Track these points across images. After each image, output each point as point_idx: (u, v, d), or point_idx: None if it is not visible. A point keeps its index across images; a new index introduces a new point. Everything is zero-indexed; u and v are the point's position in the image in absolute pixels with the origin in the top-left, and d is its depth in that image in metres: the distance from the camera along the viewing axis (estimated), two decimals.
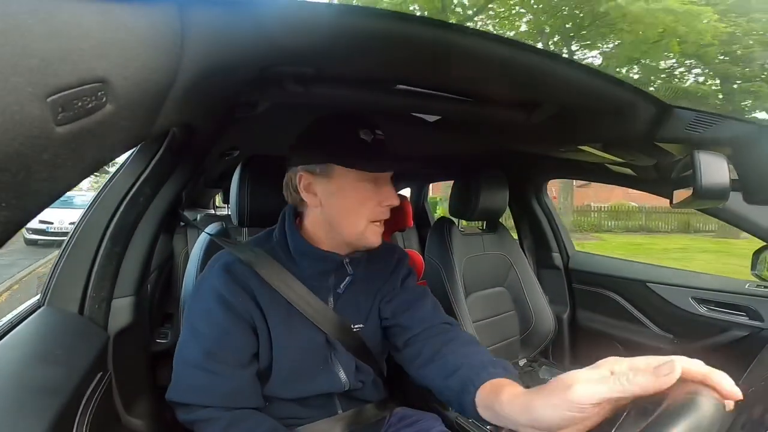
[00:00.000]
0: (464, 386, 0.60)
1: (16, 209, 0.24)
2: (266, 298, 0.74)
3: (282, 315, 0.74)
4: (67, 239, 0.83)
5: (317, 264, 0.77)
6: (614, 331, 1.64)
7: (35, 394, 0.53)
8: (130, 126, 0.32)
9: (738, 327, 1.31)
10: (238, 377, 0.73)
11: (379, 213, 0.74)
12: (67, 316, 0.76)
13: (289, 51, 0.44)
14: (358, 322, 0.81)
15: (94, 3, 0.25)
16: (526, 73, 0.57)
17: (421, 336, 0.77)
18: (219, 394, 0.71)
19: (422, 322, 0.79)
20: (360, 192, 0.73)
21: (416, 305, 0.82)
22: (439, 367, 0.69)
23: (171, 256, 1.79)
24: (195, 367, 0.71)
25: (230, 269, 0.74)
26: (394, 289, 0.84)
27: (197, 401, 0.71)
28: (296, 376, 0.76)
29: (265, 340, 0.75)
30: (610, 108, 0.70)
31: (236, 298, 0.72)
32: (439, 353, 0.70)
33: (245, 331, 0.74)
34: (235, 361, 0.73)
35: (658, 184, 1.22)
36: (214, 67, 0.38)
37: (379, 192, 0.74)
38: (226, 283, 0.73)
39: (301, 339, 0.76)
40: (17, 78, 0.21)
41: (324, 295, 0.78)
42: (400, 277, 0.86)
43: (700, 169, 0.72)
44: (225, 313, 0.72)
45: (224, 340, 0.72)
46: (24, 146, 0.22)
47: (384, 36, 0.44)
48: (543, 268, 1.88)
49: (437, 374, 0.69)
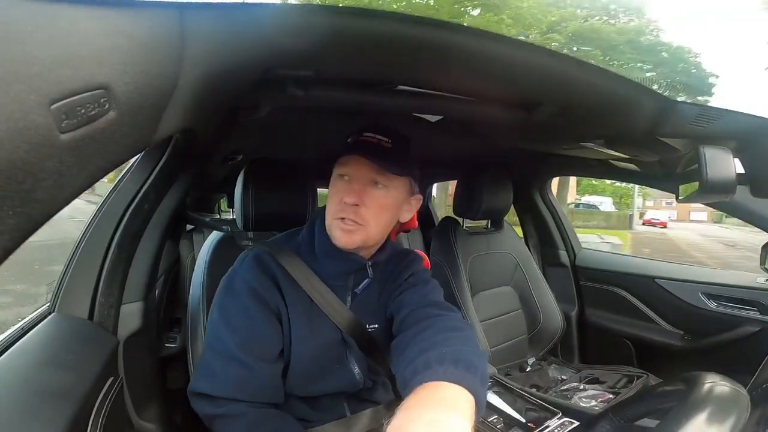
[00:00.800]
0: (405, 383, 0.57)
1: (23, 217, 0.24)
2: (290, 291, 0.76)
3: (303, 310, 0.76)
4: (75, 246, 0.84)
5: (340, 265, 0.79)
6: (623, 328, 1.62)
7: (48, 400, 0.54)
8: (133, 132, 0.32)
9: (749, 322, 1.29)
10: (268, 371, 0.74)
11: (339, 209, 0.74)
12: (77, 323, 0.76)
13: (290, 54, 0.44)
14: (373, 323, 0.83)
15: (94, 9, 0.25)
16: (527, 72, 0.56)
17: (404, 323, 0.74)
18: (249, 387, 0.72)
19: (408, 305, 0.76)
20: (332, 188, 0.76)
21: (407, 292, 0.80)
22: (405, 359, 0.62)
23: (177, 261, 1.80)
24: (227, 357, 0.72)
25: (260, 261, 0.78)
26: (399, 287, 0.84)
27: (226, 393, 0.71)
28: (313, 371, 0.78)
29: (286, 333, 0.76)
30: (612, 104, 0.69)
31: (266, 291, 0.75)
32: (412, 342, 0.65)
33: (275, 325, 0.76)
34: (267, 355, 0.74)
35: (664, 180, 1.21)
36: (215, 71, 0.39)
37: (344, 189, 0.74)
38: (258, 276, 0.76)
39: (319, 335, 0.77)
40: (20, 85, 0.21)
41: (342, 294, 0.80)
42: (405, 276, 0.86)
43: (706, 163, 0.71)
44: (258, 307, 0.74)
45: (257, 334, 0.74)
46: (29, 154, 0.23)
47: (384, 37, 0.44)
48: (549, 266, 1.87)
49: (399, 366, 0.64)
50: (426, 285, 0.83)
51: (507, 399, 1.12)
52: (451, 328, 0.68)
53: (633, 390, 1.32)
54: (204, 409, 0.73)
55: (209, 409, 0.72)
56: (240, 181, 0.96)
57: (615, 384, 1.39)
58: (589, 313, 1.75)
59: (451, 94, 0.71)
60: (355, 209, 0.73)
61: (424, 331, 0.67)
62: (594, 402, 1.27)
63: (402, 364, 0.62)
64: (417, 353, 0.60)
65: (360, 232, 0.74)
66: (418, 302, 0.76)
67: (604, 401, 1.27)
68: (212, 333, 0.77)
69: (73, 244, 0.86)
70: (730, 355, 1.32)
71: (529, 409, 1.07)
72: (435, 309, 0.74)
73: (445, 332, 0.66)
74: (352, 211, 0.73)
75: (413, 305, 0.76)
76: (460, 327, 0.69)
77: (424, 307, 0.75)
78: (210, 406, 0.72)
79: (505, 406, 1.09)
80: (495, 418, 1.03)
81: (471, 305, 1.43)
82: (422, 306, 0.75)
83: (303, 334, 0.76)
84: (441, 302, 0.80)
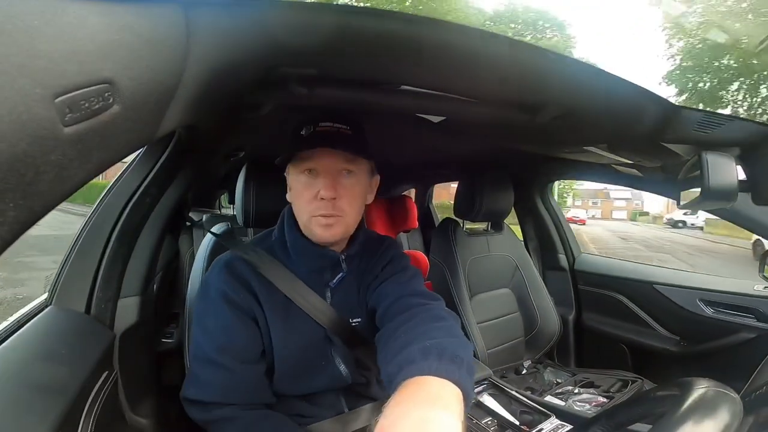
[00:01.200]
0: (390, 379, 0.55)
1: (24, 209, 0.24)
2: (265, 294, 0.76)
3: (280, 311, 0.76)
4: (74, 239, 0.84)
5: (315, 261, 0.79)
6: (620, 333, 1.62)
7: (42, 393, 0.54)
8: (137, 127, 0.32)
9: (746, 329, 1.30)
10: (251, 373, 0.75)
11: (316, 207, 0.73)
12: (73, 316, 0.76)
13: (294, 52, 0.44)
14: (356, 317, 0.82)
15: (99, 4, 0.25)
16: (531, 74, 0.56)
17: (386, 315, 0.72)
18: (234, 389, 0.72)
19: (389, 296, 0.74)
20: (298, 185, 0.75)
21: (387, 282, 0.79)
22: (388, 353, 0.60)
23: (176, 257, 1.80)
24: (208, 362, 0.73)
25: (230, 267, 0.77)
26: (377, 277, 0.82)
27: (212, 398, 0.72)
28: (298, 371, 0.77)
29: (265, 334, 0.76)
30: (616, 108, 0.69)
31: (238, 295, 0.75)
32: (394, 335, 0.63)
33: (251, 327, 0.76)
34: (245, 357, 0.74)
35: (665, 185, 1.21)
36: (219, 67, 0.39)
37: (314, 184, 0.73)
38: (228, 281, 0.75)
39: (300, 335, 0.77)
40: (25, 79, 0.21)
41: (321, 290, 0.80)
42: (381, 264, 0.84)
43: (708, 170, 0.71)
44: (231, 311, 0.74)
45: (233, 336, 0.74)
46: (32, 147, 0.23)
47: (388, 37, 0.44)
48: (548, 270, 1.87)
49: (383, 358, 0.62)
50: (405, 272, 0.81)
51: (501, 401, 1.12)
52: (433, 317, 0.66)
53: (627, 395, 1.33)
54: (196, 415, 0.74)
55: (201, 415, 0.73)
56: (241, 178, 0.96)
57: (609, 388, 1.39)
58: (587, 317, 1.76)
59: (455, 95, 0.71)
60: (333, 203, 0.72)
61: (407, 322, 0.65)
62: (588, 406, 1.27)
63: (386, 359, 0.60)
64: (400, 347, 0.57)
65: (340, 223, 0.74)
66: (398, 292, 0.74)
67: (598, 405, 1.27)
68: (193, 341, 0.77)
69: (73, 237, 0.85)
70: (726, 362, 1.32)
71: (524, 411, 1.07)
72: (417, 298, 0.72)
73: (428, 323, 0.64)
74: (330, 205, 0.72)
75: (394, 296, 0.74)
76: (443, 316, 0.67)
77: (405, 297, 0.72)
78: (201, 412, 0.73)
79: (499, 408, 1.09)
80: (489, 420, 1.03)
81: (469, 307, 1.43)
82: (403, 296, 0.73)
83: (282, 334, 0.76)
84: (423, 291, 0.77)
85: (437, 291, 1.48)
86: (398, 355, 0.56)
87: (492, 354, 1.48)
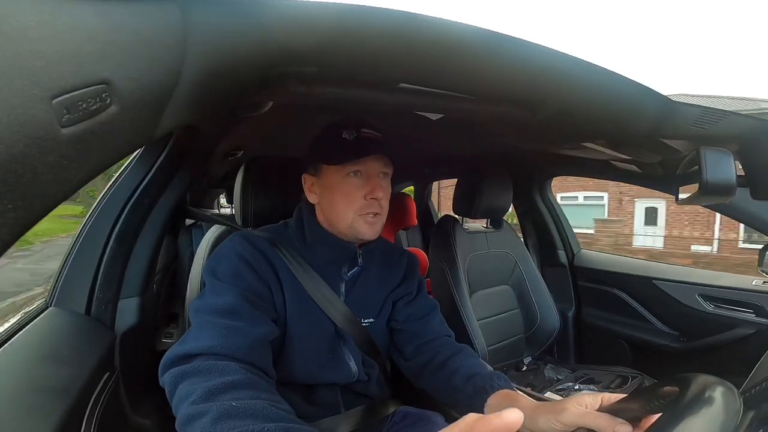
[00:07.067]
0: (477, 392, 0.69)
1: (23, 210, 0.24)
2: (285, 274, 0.77)
3: (297, 295, 0.77)
4: (74, 240, 0.84)
5: (332, 252, 0.81)
6: (620, 329, 1.63)
7: (44, 394, 0.54)
8: (135, 127, 0.32)
9: (745, 324, 1.30)
10: (259, 331, 0.66)
11: (365, 206, 0.77)
12: (74, 317, 0.76)
13: (294, 50, 0.44)
14: (369, 316, 0.84)
15: (97, 4, 0.25)
16: (530, 71, 0.56)
17: (432, 344, 0.84)
18: (235, 340, 0.61)
19: (433, 332, 0.87)
20: (345, 186, 0.77)
21: (430, 315, 0.89)
22: (452, 373, 0.76)
23: (176, 257, 1.80)
24: (215, 314, 0.65)
25: (249, 238, 0.78)
26: (411, 294, 0.90)
27: (205, 348, 0.60)
28: (306, 359, 0.77)
29: (279, 307, 0.75)
30: (615, 105, 0.69)
31: (258, 264, 0.75)
32: (450, 361, 0.79)
33: (266, 289, 0.74)
34: (257, 316, 0.68)
35: (664, 181, 1.21)
36: (217, 67, 0.39)
37: (364, 186, 0.77)
38: (248, 249, 0.76)
39: (311, 325, 0.77)
40: (22, 80, 0.21)
41: (335, 284, 0.81)
42: (416, 283, 0.92)
43: (706, 165, 0.71)
44: (249, 271, 0.73)
45: (249, 293, 0.70)
46: (29, 148, 0.22)
47: (387, 34, 0.44)
48: (548, 266, 1.87)
49: (449, 379, 0.76)
50: (436, 306, 0.93)
51: None
52: (472, 354, 0.83)
53: (627, 390, 1.33)
54: (172, 373, 0.59)
55: (177, 370, 0.59)
56: (240, 177, 0.96)
57: (609, 384, 1.39)
58: (587, 313, 1.76)
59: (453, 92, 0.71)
60: (378, 202, 0.78)
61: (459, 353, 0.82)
62: None
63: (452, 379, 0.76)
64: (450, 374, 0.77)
65: (380, 221, 0.80)
66: (439, 329, 0.88)
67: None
68: (198, 300, 0.69)
69: (72, 238, 0.85)
70: (725, 357, 1.33)
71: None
72: (449, 336, 0.89)
73: (474, 357, 0.81)
74: (377, 204, 0.78)
75: (436, 332, 0.88)
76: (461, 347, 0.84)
77: (444, 335, 0.88)
78: (180, 365, 0.59)
79: None
80: None
81: (469, 304, 1.43)
82: (443, 334, 0.88)
83: (297, 317, 0.76)
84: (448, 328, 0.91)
85: (437, 288, 1.49)
86: (477, 376, 0.73)
87: (492, 351, 1.48)
